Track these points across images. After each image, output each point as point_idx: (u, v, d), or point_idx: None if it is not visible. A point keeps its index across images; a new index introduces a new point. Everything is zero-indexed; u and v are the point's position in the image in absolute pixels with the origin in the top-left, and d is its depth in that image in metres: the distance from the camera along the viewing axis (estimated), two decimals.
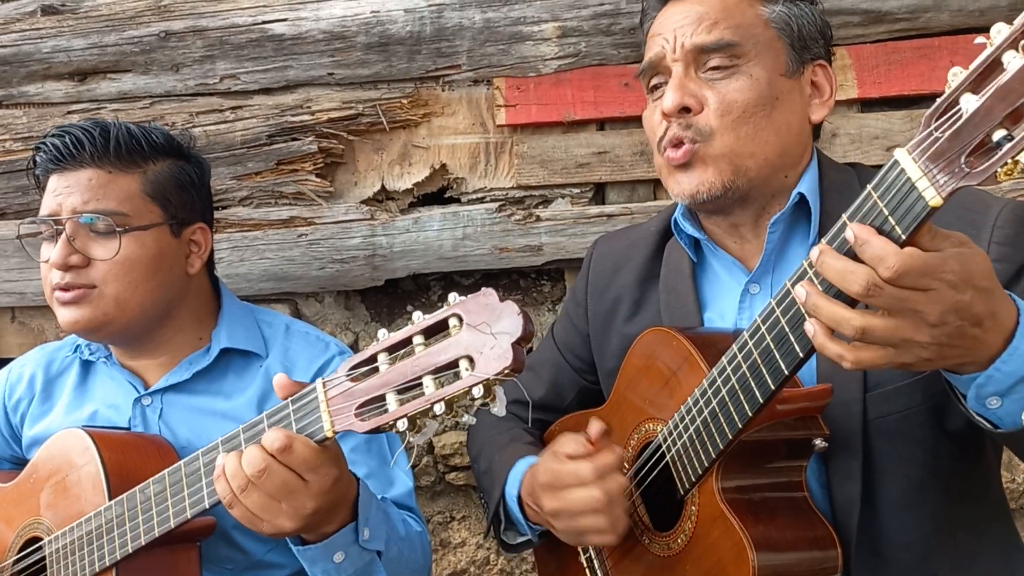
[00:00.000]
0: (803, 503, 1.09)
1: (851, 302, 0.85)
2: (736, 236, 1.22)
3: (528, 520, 1.28)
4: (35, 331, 2.12)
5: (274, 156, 1.96)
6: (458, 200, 1.98)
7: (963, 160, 0.77)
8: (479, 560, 2.07)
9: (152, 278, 1.37)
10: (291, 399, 1.06)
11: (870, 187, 0.84)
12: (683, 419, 1.10)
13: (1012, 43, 0.75)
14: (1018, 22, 0.74)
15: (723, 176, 1.13)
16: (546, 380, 1.47)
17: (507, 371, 0.89)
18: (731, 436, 1.03)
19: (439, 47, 1.91)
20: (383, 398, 0.97)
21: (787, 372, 0.95)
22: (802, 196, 1.16)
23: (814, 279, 0.88)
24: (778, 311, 0.95)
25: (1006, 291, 0.88)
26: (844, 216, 0.86)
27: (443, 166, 1.97)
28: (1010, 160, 0.74)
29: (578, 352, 1.44)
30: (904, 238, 0.81)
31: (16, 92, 2.04)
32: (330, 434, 1.02)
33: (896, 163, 0.81)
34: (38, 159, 1.41)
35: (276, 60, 1.95)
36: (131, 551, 1.19)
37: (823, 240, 0.88)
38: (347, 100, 1.95)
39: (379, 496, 1.30)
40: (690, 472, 1.09)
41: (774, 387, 0.97)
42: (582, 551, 1.30)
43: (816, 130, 1.23)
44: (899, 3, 1.80)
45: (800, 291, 0.88)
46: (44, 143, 1.39)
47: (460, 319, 0.93)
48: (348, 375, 1.00)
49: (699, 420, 1.07)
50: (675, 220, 1.27)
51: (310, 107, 1.95)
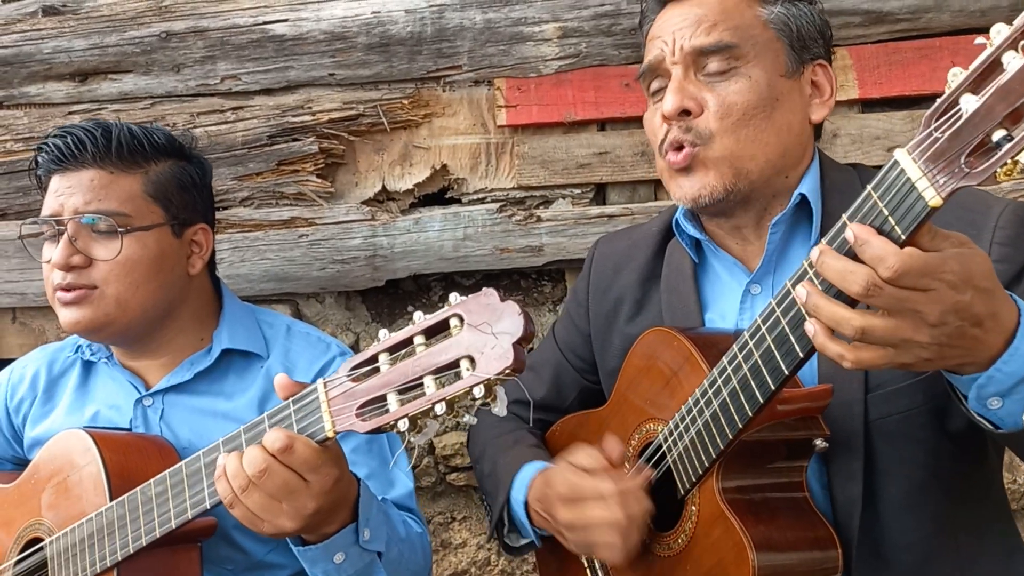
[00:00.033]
0: (804, 503, 1.09)
1: (851, 302, 0.85)
2: (738, 237, 1.22)
3: (533, 525, 1.29)
4: (36, 332, 2.12)
5: (275, 156, 1.96)
6: (459, 201, 1.98)
7: (963, 160, 0.77)
8: (480, 561, 2.07)
9: (153, 278, 1.37)
10: (292, 399, 1.06)
11: (870, 187, 0.84)
12: (684, 419, 1.10)
13: (1012, 43, 0.75)
14: (1018, 23, 0.74)
15: (724, 179, 1.13)
16: (547, 380, 1.47)
17: (508, 371, 0.89)
18: (731, 436, 1.03)
19: (440, 48, 1.91)
20: (384, 398, 0.97)
21: (787, 372, 0.96)
22: (803, 197, 1.16)
23: (814, 279, 0.88)
24: (778, 311, 0.95)
25: (1007, 291, 0.88)
26: (844, 216, 0.86)
27: (444, 167, 1.96)
28: (1010, 160, 0.74)
29: (579, 352, 1.44)
30: (904, 238, 0.81)
31: (17, 93, 2.04)
32: (331, 434, 1.02)
33: (896, 163, 0.81)
34: (40, 159, 1.41)
35: (277, 61, 1.95)
36: (132, 552, 1.19)
37: (823, 240, 0.88)
38: (348, 100, 1.95)
39: (380, 497, 1.30)
40: (691, 472, 1.09)
41: (774, 387, 0.97)
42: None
43: (817, 130, 1.23)
44: (900, 3, 1.80)
45: (801, 291, 0.88)
46: (46, 143, 1.39)
47: (461, 319, 0.93)
48: (349, 375, 1.00)
49: (700, 420, 1.07)
50: (676, 221, 1.27)
51: (311, 107, 1.95)
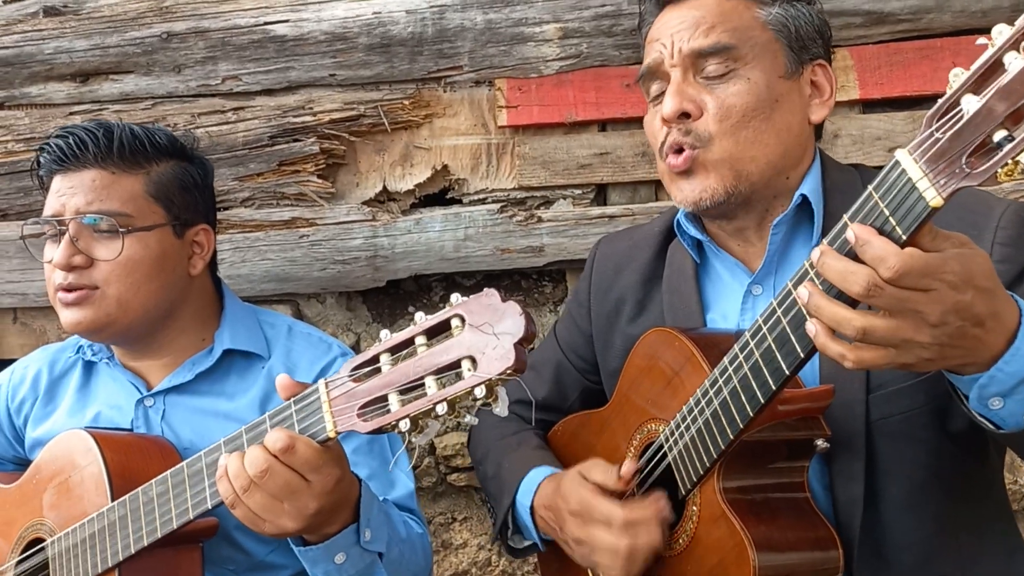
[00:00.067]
0: (805, 504, 1.09)
1: (852, 303, 0.85)
2: (740, 238, 1.22)
3: (538, 530, 1.29)
4: (37, 332, 2.12)
5: (276, 157, 1.96)
6: (460, 201, 1.98)
7: (964, 160, 0.77)
8: (481, 561, 2.07)
9: (155, 279, 1.37)
10: (293, 399, 1.06)
11: (871, 187, 0.84)
12: (685, 419, 1.10)
13: (1013, 44, 0.75)
14: (1019, 23, 0.74)
15: (725, 182, 1.13)
16: (549, 380, 1.47)
17: (509, 371, 0.89)
18: (732, 436, 1.03)
19: (441, 48, 1.91)
20: (385, 398, 0.97)
21: (788, 372, 0.96)
22: (805, 197, 1.16)
23: (815, 279, 0.88)
24: (779, 311, 0.95)
25: (1009, 292, 0.88)
26: (845, 216, 0.86)
27: (445, 167, 1.96)
28: (1011, 161, 0.74)
29: (581, 352, 1.44)
30: (905, 238, 0.81)
31: (18, 93, 2.04)
32: (332, 434, 1.02)
33: (897, 163, 0.81)
34: (42, 160, 1.41)
35: (278, 61, 1.95)
36: (134, 552, 1.19)
37: (824, 241, 0.88)
38: (349, 101, 1.95)
39: (381, 498, 1.30)
40: (692, 472, 1.09)
41: (775, 387, 0.97)
42: None
43: (818, 131, 1.23)
44: (901, 4, 1.80)
45: (803, 292, 0.88)
46: (48, 144, 1.39)
47: (462, 319, 0.93)
48: (351, 375, 1.00)
49: (701, 420, 1.07)
50: (677, 221, 1.27)
51: (312, 108, 1.95)
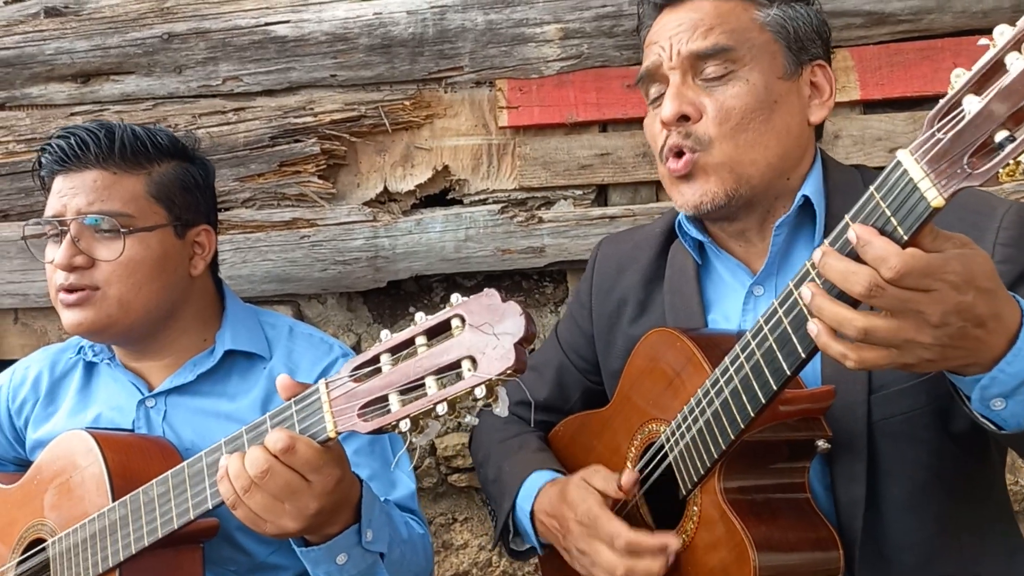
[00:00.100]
0: (805, 504, 1.09)
1: (854, 303, 0.85)
2: (741, 240, 1.22)
3: (538, 535, 1.29)
4: (38, 332, 2.12)
5: (277, 158, 1.96)
6: (460, 202, 1.98)
7: (965, 161, 0.77)
8: (481, 562, 2.07)
9: (156, 279, 1.37)
10: (294, 400, 1.06)
11: (872, 188, 0.84)
12: (686, 419, 1.10)
13: (1015, 45, 0.75)
14: (1021, 24, 0.74)
15: (725, 185, 1.13)
16: (550, 381, 1.47)
17: (509, 371, 0.89)
18: (733, 436, 1.03)
19: (441, 49, 1.91)
20: (386, 399, 0.97)
21: (789, 372, 0.96)
22: (807, 198, 1.16)
23: (817, 280, 0.88)
24: (781, 311, 0.95)
25: (1011, 293, 0.88)
26: (847, 217, 0.86)
27: (445, 168, 1.96)
28: (1012, 161, 0.74)
29: (582, 353, 1.44)
30: (906, 239, 0.81)
31: (19, 94, 2.04)
32: (333, 435, 1.02)
33: (898, 164, 0.81)
34: (43, 160, 1.41)
35: (279, 62, 1.95)
36: (134, 552, 1.19)
37: (825, 241, 0.88)
38: (349, 102, 1.95)
39: (382, 498, 1.30)
40: (692, 472, 1.09)
41: (776, 387, 0.97)
42: None
43: (819, 131, 1.23)
44: (902, 5, 1.80)
45: (805, 292, 0.88)
46: (49, 144, 1.39)
47: (462, 320, 0.93)
48: (351, 376, 1.00)
49: (702, 420, 1.07)
50: (679, 223, 1.27)
51: (313, 109, 1.95)
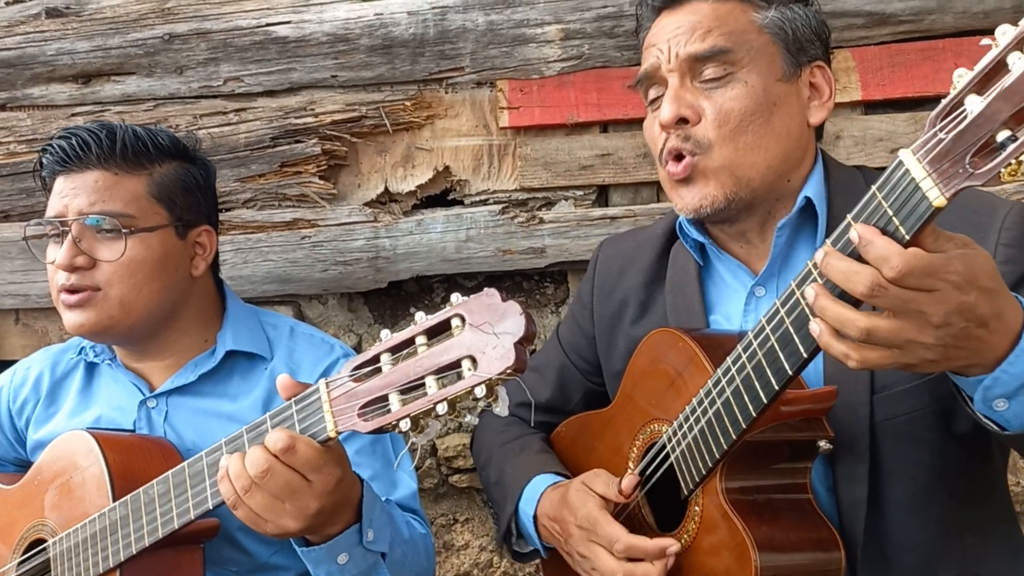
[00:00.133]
0: (807, 505, 1.09)
1: (856, 303, 0.85)
2: (742, 241, 1.22)
3: (541, 539, 1.29)
4: (39, 333, 2.12)
5: (278, 158, 1.96)
6: (461, 202, 1.98)
7: (967, 161, 0.77)
8: (482, 563, 2.07)
9: (157, 280, 1.37)
10: (294, 400, 1.06)
11: (874, 187, 0.84)
12: (688, 419, 1.10)
13: (1017, 44, 0.74)
14: (1023, 24, 0.74)
15: (725, 188, 1.13)
16: (552, 382, 1.46)
17: (509, 371, 0.89)
18: (735, 436, 1.03)
19: (442, 49, 1.91)
20: (386, 398, 0.97)
21: (791, 372, 0.95)
22: (808, 200, 1.16)
23: (819, 280, 0.88)
24: (783, 311, 0.95)
25: (1013, 293, 0.88)
26: (849, 217, 0.86)
27: (446, 168, 1.96)
28: (1014, 161, 0.74)
29: (584, 354, 1.44)
30: (908, 238, 0.81)
31: (20, 94, 2.04)
32: (333, 434, 1.02)
33: (900, 164, 0.81)
34: (44, 161, 1.41)
35: (280, 62, 1.95)
36: (135, 552, 1.19)
37: (827, 241, 0.88)
38: (350, 102, 1.95)
39: (383, 498, 1.30)
40: (694, 472, 1.09)
41: (778, 387, 0.97)
42: None
43: (819, 131, 1.23)
44: (903, 5, 1.79)
45: (809, 292, 0.88)
46: (51, 145, 1.39)
47: (463, 319, 0.93)
48: (351, 375, 1.00)
49: (703, 420, 1.07)
50: (679, 224, 1.27)
51: (313, 109, 1.95)
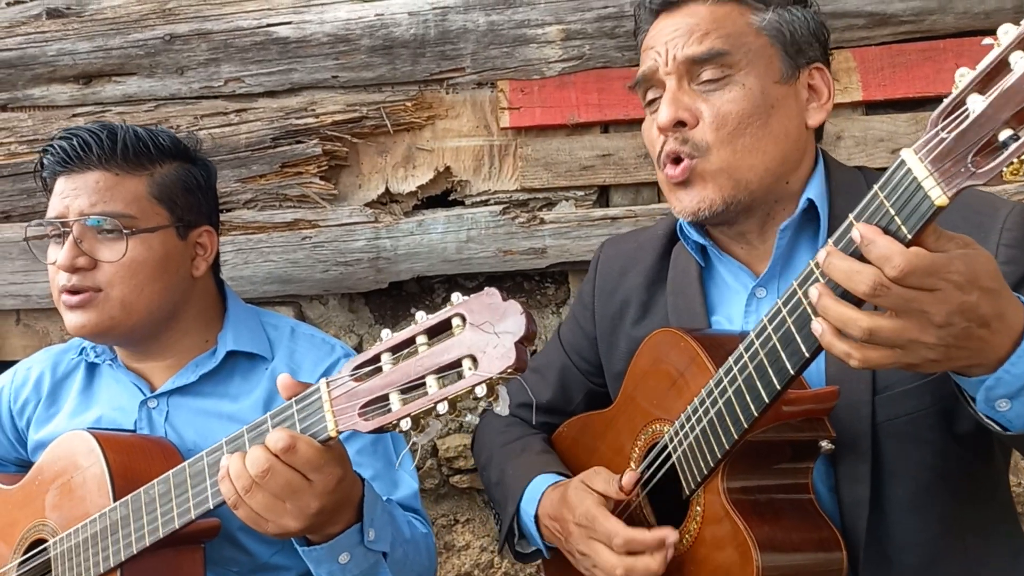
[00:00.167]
0: (809, 505, 1.09)
1: (858, 302, 0.85)
2: (743, 242, 1.22)
3: (543, 539, 1.28)
4: (40, 333, 2.12)
5: (278, 159, 1.96)
6: (462, 203, 1.98)
7: (969, 160, 0.76)
8: (483, 563, 2.07)
9: (158, 280, 1.37)
10: (295, 399, 1.06)
11: (876, 187, 0.84)
12: (689, 419, 1.10)
13: (1019, 44, 0.74)
14: None
15: (723, 192, 1.13)
16: (553, 382, 1.46)
17: (510, 370, 0.88)
18: (737, 436, 1.03)
19: (443, 50, 1.91)
20: (386, 398, 0.97)
21: (793, 372, 0.95)
22: (810, 201, 1.16)
23: (821, 279, 0.88)
24: (784, 311, 0.95)
25: (1015, 293, 0.88)
26: (851, 216, 0.86)
27: (447, 169, 1.96)
28: (1016, 160, 0.74)
29: (585, 355, 1.44)
30: (910, 237, 0.81)
31: (21, 95, 2.04)
32: (334, 434, 1.02)
33: (902, 163, 0.81)
34: (45, 161, 1.41)
35: (280, 63, 1.95)
36: (135, 552, 1.19)
37: (829, 241, 0.87)
38: (351, 103, 1.95)
39: (384, 498, 1.30)
40: (696, 472, 1.09)
41: (780, 387, 0.97)
42: None
43: (819, 132, 1.23)
44: (904, 5, 1.79)
45: (813, 291, 0.87)
46: (51, 145, 1.39)
47: (463, 319, 0.93)
48: (352, 375, 1.00)
49: (705, 420, 1.07)
50: (680, 226, 1.27)
51: (314, 110, 1.95)
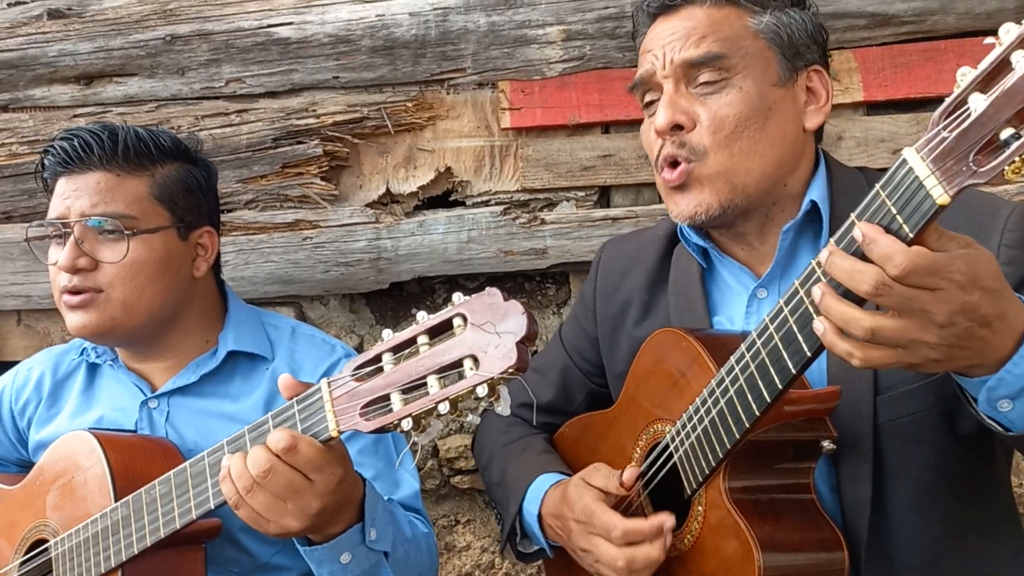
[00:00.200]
0: (810, 505, 1.09)
1: (860, 302, 0.85)
2: (742, 243, 1.22)
3: (547, 537, 1.28)
4: (41, 334, 2.12)
5: (279, 159, 1.96)
6: (463, 203, 1.98)
7: (971, 159, 0.77)
8: (484, 564, 2.07)
9: (159, 281, 1.37)
10: (296, 399, 1.06)
11: (878, 186, 0.84)
12: (691, 419, 1.10)
13: (1021, 43, 0.75)
14: None
15: (720, 196, 1.13)
16: (554, 383, 1.46)
17: (511, 370, 0.88)
18: (738, 436, 1.03)
19: (444, 50, 1.91)
20: (388, 398, 0.96)
21: (795, 371, 0.95)
22: (813, 203, 1.16)
23: (823, 279, 0.88)
24: (786, 310, 0.95)
25: (1016, 294, 0.88)
26: (853, 215, 0.86)
27: (448, 169, 1.96)
28: (1018, 158, 0.74)
29: (586, 355, 1.44)
30: (912, 236, 0.81)
31: (22, 96, 2.04)
32: (335, 434, 1.02)
33: (904, 162, 0.81)
34: (46, 162, 1.41)
35: (281, 63, 1.95)
36: (136, 552, 1.19)
37: (831, 240, 0.87)
38: (352, 103, 1.95)
39: (386, 498, 1.30)
40: (697, 472, 1.09)
41: (782, 386, 0.97)
42: None
43: (820, 132, 1.23)
44: (905, 6, 1.79)
45: (816, 291, 0.87)
46: (52, 146, 1.39)
47: (464, 319, 0.93)
48: (353, 375, 1.00)
49: (707, 420, 1.07)
50: (680, 229, 1.27)
51: (315, 110, 1.95)
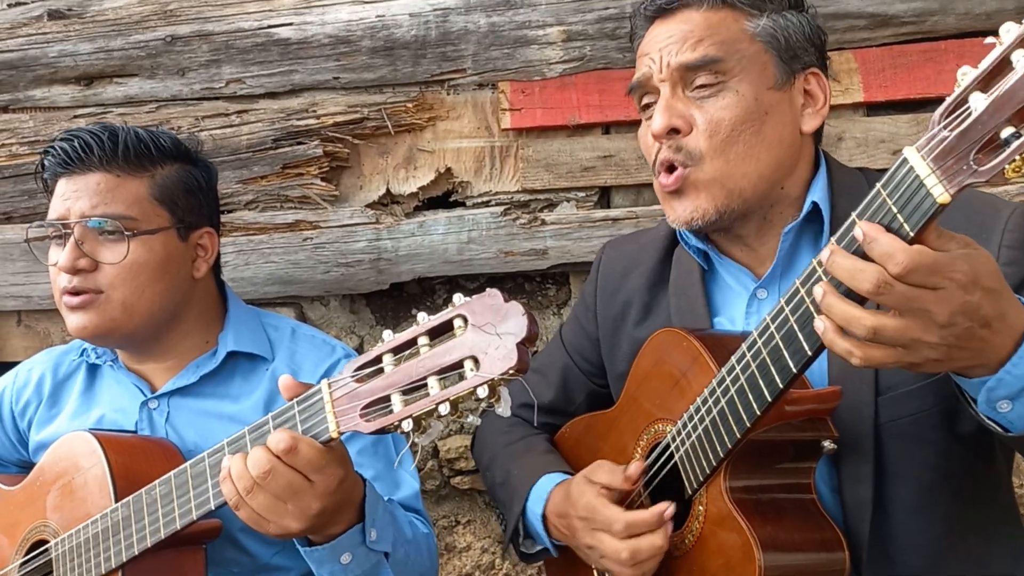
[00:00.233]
0: (811, 505, 1.09)
1: (861, 301, 0.85)
2: (741, 245, 1.22)
3: (551, 537, 1.28)
4: (41, 335, 2.12)
5: (279, 160, 1.96)
6: (463, 204, 1.98)
7: (971, 158, 0.77)
8: (484, 564, 2.07)
9: (159, 282, 1.38)
10: (296, 400, 1.06)
11: (879, 185, 0.84)
12: (692, 419, 1.10)
13: (1021, 43, 0.75)
14: None
15: (716, 201, 1.14)
16: (555, 383, 1.46)
17: (512, 371, 0.88)
18: (739, 435, 1.03)
19: (444, 51, 1.91)
20: (388, 399, 0.96)
21: (795, 370, 0.95)
22: (814, 204, 1.16)
23: (824, 278, 0.88)
24: (787, 310, 0.95)
25: (1016, 295, 0.88)
26: (854, 214, 0.86)
27: (448, 170, 1.96)
28: (1018, 157, 0.75)
29: (587, 355, 1.44)
30: (912, 235, 0.81)
31: (23, 96, 2.04)
32: (335, 435, 1.02)
33: (905, 161, 0.82)
34: (46, 163, 1.41)
35: (282, 64, 1.95)
36: (137, 553, 1.19)
37: (832, 239, 0.88)
38: (352, 104, 1.95)
39: (386, 498, 1.30)
40: (698, 472, 1.09)
41: (782, 386, 0.97)
42: None
43: (819, 133, 1.23)
44: (905, 6, 1.79)
45: (817, 290, 0.88)
46: (53, 147, 1.39)
47: (465, 320, 0.93)
48: (353, 376, 1.00)
49: (708, 420, 1.07)
50: (679, 232, 1.27)
51: (315, 111, 1.95)
